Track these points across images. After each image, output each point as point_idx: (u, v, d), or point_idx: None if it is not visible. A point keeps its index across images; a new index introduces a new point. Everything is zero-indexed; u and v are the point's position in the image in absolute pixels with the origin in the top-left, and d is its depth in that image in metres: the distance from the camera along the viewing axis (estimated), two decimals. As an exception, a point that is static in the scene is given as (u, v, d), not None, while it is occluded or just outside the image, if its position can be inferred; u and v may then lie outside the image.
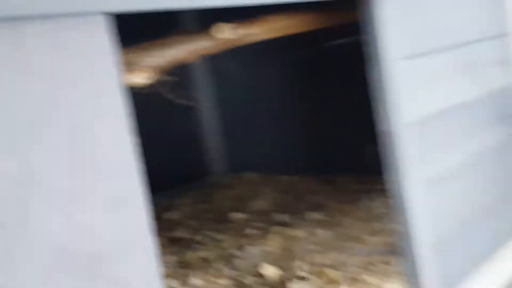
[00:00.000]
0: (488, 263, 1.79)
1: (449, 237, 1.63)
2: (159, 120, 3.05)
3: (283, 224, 2.25)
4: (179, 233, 2.35)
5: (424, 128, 1.58)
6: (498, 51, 1.93)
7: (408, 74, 1.51)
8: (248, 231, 2.24)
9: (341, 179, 2.84)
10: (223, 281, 1.78)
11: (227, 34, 1.51)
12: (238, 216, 2.47)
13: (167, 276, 1.82)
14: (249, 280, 1.75)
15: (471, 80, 1.80)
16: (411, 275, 1.52)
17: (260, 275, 1.77)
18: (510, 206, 1.96)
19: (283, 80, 3.12)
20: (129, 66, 1.27)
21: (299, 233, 2.10)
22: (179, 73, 1.55)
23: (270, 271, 1.73)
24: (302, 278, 1.69)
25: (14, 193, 0.69)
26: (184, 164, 3.29)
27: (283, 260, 1.86)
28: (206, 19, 1.55)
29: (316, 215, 2.28)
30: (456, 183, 1.69)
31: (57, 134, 0.73)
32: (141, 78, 1.31)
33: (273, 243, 2.02)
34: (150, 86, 1.36)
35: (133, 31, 1.42)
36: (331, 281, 1.65)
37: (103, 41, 0.79)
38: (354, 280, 1.62)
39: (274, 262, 1.82)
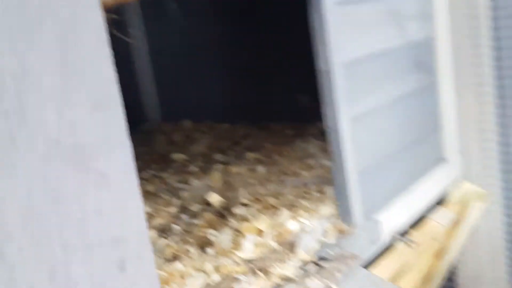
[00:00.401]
0: (405, 194, 2.04)
1: (372, 169, 1.86)
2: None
3: (224, 163, 2.42)
4: (124, 171, 2.46)
5: (353, 69, 1.77)
6: (420, 6, 2.15)
7: (341, 19, 1.68)
8: (190, 168, 2.39)
9: (275, 126, 3.03)
10: (171, 209, 1.93)
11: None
12: (179, 156, 2.61)
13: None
14: (196, 207, 1.91)
15: (395, 29, 2.01)
16: (341, 200, 1.73)
17: (206, 203, 1.94)
18: (423, 146, 2.21)
19: (218, 27, 3.23)
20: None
21: (239, 169, 2.27)
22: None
23: (216, 199, 1.90)
24: (245, 205, 1.87)
25: (14, 86, 0.81)
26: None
27: (226, 191, 2.04)
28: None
29: (254, 155, 2.46)
30: (378, 121, 1.90)
31: (49, 39, 0.85)
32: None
33: (216, 178, 2.18)
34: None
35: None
36: (271, 207, 1.84)
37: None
38: (292, 206, 1.82)
39: (218, 193, 1.99)
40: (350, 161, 1.72)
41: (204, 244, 1.60)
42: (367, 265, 1.69)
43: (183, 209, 1.93)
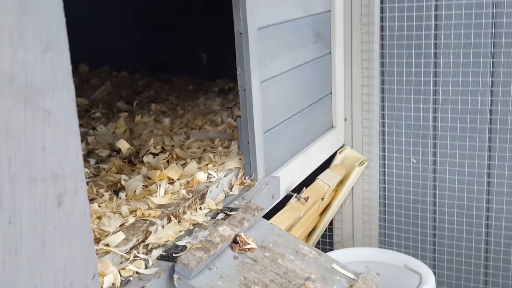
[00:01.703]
0: (300, 155, 2.21)
1: (275, 130, 2.00)
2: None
3: (128, 111, 2.44)
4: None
5: (265, 35, 1.88)
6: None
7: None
8: (95, 114, 2.38)
9: (176, 79, 3.07)
10: (78, 153, 1.93)
11: None
12: (81, 101, 2.58)
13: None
14: (104, 153, 1.94)
15: (300, 2, 2.13)
16: (246, 156, 1.86)
17: (113, 149, 1.97)
18: (317, 113, 2.40)
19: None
20: None
21: (144, 119, 2.31)
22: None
23: (125, 146, 1.93)
24: (154, 154, 1.93)
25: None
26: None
27: (134, 140, 2.08)
28: None
29: (158, 107, 2.50)
30: (283, 86, 2.04)
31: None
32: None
33: (122, 126, 2.21)
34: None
35: None
36: (179, 158, 1.92)
37: None
38: (199, 158, 1.91)
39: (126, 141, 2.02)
40: (257, 121, 1.84)
41: (115, 188, 1.65)
42: (266, 217, 1.84)
43: (90, 154, 1.95)
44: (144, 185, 1.66)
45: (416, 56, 2.42)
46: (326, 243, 2.85)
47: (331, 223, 2.77)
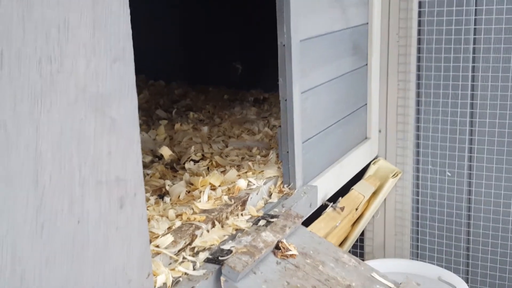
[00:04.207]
0: (336, 165, 2.25)
1: (313, 140, 2.04)
2: None
3: (167, 119, 2.50)
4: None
5: (306, 47, 1.92)
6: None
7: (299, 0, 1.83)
8: (135, 121, 2.45)
9: (212, 89, 3.13)
10: (122, 159, 2.00)
11: None
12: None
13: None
14: (147, 159, 2.00)
15: (340, 14, 2.18)
16: (285, 165, 1.90)
17: (156, 156, 2.03)
18: (353, 124, 2.43)
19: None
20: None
21: (184, 127, 2.38)
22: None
23: (167, 152, 2.00)
24: (194, 161, 1.99)
25: (57, 36, 0.89)
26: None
27: (174, 147, 2.14)
28: None
29: (196, 115, 2.56)
30: (321, 97, 2.09)
31: (83, 4, 0.94)
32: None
33: (162, 133, 2.27)
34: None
35: None
36: (218, 165, 1.97)
37: None
38: (238, 166, 1.96)
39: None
40: (297, 131, 1.88)
41: (160, 193, 1.71)
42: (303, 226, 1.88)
43: (133, 160, 2.01)
44: (187, 191, 1.71)
45: (454, 69, 2.44)
46: (357, 253, 2.87)
47: (362, 234, 2.79)
